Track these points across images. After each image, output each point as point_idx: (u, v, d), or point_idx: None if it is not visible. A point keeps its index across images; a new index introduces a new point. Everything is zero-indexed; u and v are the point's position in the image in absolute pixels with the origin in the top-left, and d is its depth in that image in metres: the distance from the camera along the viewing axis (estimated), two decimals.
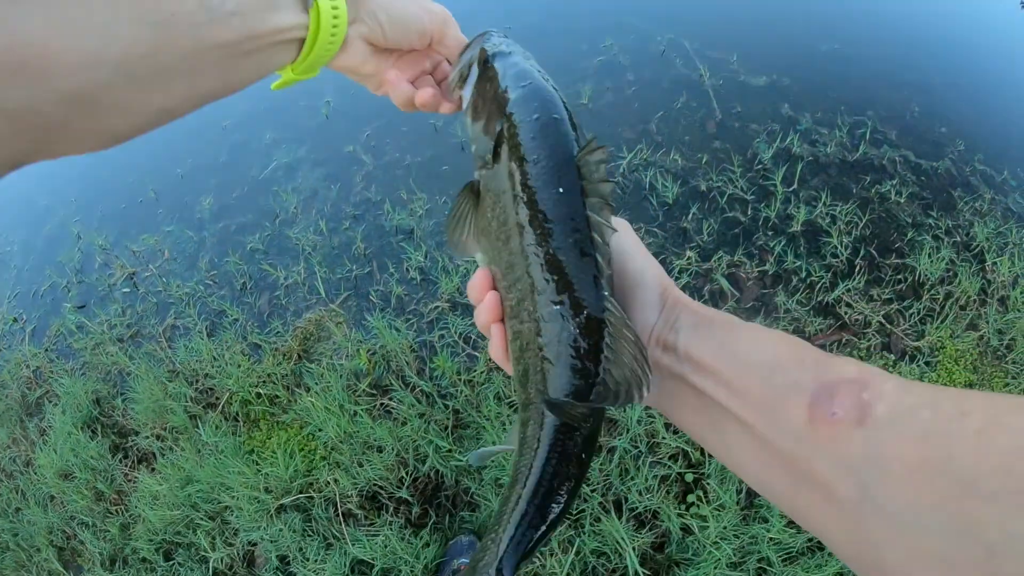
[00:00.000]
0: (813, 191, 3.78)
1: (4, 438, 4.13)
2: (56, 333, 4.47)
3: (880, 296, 3.36)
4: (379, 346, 3.52)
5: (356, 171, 4.54)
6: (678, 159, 4.03)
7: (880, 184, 3.80)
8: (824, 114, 4.21)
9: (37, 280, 4.96)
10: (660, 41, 4.93)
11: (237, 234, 4.45)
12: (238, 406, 3.53)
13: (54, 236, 5.25)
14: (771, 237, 3.62)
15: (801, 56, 4.71)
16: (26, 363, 4.40)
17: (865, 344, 3.20)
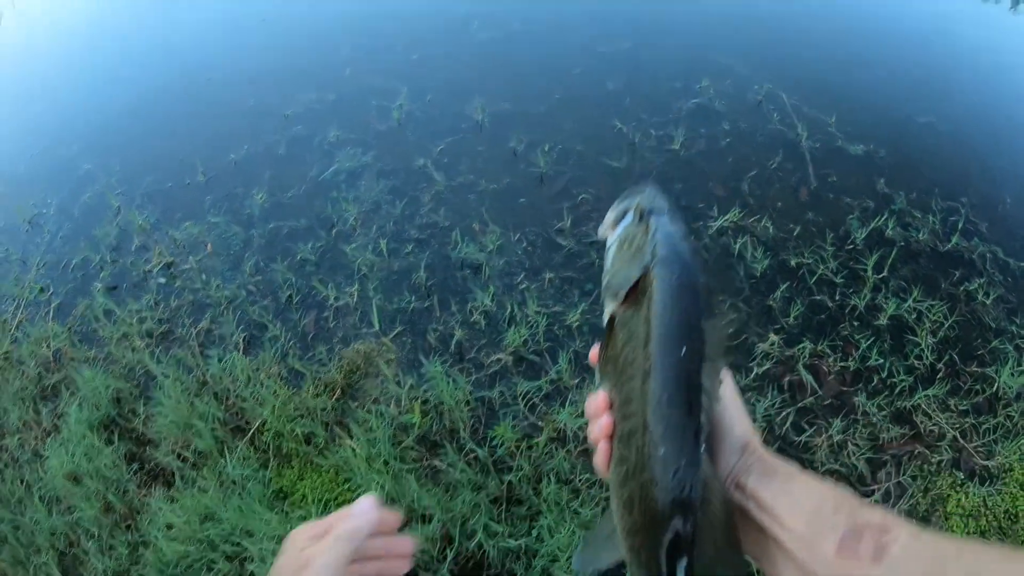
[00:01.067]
0: (903, 281, 3.53)
1: (15, 420, 3.85)
2: (82, 314, 4.20)
3: (957, 407, 3.09)
4: (432, 395, 3.19)
5: (425, 189, 4.24)
6: (769, 227, 3.77)
7: (969, 281, 3.54)
8: (919, 195, 3.95)
9: (69, 251, 4.69)
10: (758, 90, 4.67)
11: (288, 239, 4.16)
12: (270, 437, 3.22)
13: (92, 206, 4.98)
14: (857, 328, 3.36)
15: (898, 126, 4.47)
16: (47, 341, 4.11)
17: (936, 458, 2.95)
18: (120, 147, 5.46)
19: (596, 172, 4.21)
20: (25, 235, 4.98)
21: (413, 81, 5.20)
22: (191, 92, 5.91)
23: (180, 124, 5.53)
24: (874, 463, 2.94)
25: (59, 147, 5.75)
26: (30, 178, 5.53)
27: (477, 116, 4.73)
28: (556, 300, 3.55)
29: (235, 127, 5.17)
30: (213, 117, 5.48)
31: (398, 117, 4.80)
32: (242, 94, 5.57)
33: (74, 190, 5.19)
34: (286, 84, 5.54)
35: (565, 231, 3.85)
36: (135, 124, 5.72)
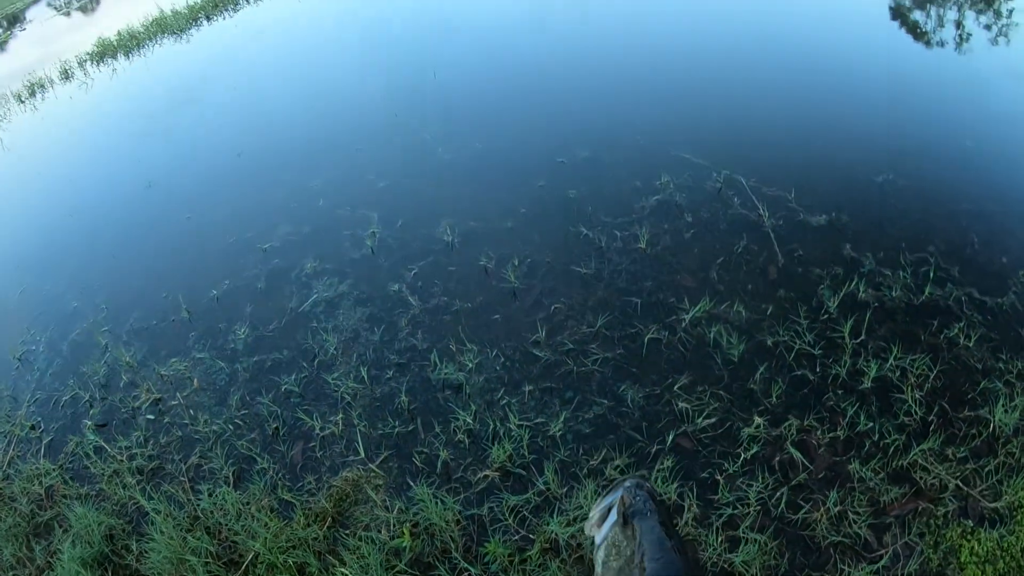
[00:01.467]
0: (882, 341, 3.62)
1: (8, 557, 3.89)
2: (73, 451, 4.29)
3: (955, 455, 3.13)
4: (422, 518, 3.33)
5: (401, 314, 4.43)
6: (742, 311, 3.91)
7: (948, 328, 3.63)
8: (886, 253, 4.08)
9: (59, 388, 4.81)
10: (716, 178, 4.89)
11: (272, 372, 4.31)
12: (264, 570, 3.32)
13: (81, 343, 5.12)
14: (842, 397, 3.43)
15: (857, 189, 4.62)
16: (39, 479, 4.19)
17: (942, 511, 2.96)
18: (106, 284, 5.62)
19: (566, 281, 4.40)
20: (15, 372, 5.09)
21: (383, 208, 5.42)
22: (173, 227, 6.12)
23: (163, 261, 5.72)
24: (878, 528, 2.94)
25: (46, 283, 5.92)
26: (19, 314, 5.66)
27: (447, 237, 4.95)
28: (537, 412, 3.68)
29: (215, 263, 5.37)
30: (194, 253, 5.66)
31: (371, 245, 5.01)
32: (221, 229, 5.78)
33: (62, 327, 5.33)
34: (263, 218, 5.76)
35: (541, 342, 4.02)
36: (120, 261, 5.90)
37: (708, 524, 3.03)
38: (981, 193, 4.50)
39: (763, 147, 5.25)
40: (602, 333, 4.00)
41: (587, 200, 5.05)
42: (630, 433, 3.49)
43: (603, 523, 1.06)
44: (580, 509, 3.16)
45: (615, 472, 3.31)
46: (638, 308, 4.10)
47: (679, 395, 3.58)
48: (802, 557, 2.87)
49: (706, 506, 3.09)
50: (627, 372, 3.77)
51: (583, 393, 3.72)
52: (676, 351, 3.81)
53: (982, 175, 4.73)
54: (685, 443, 3.38)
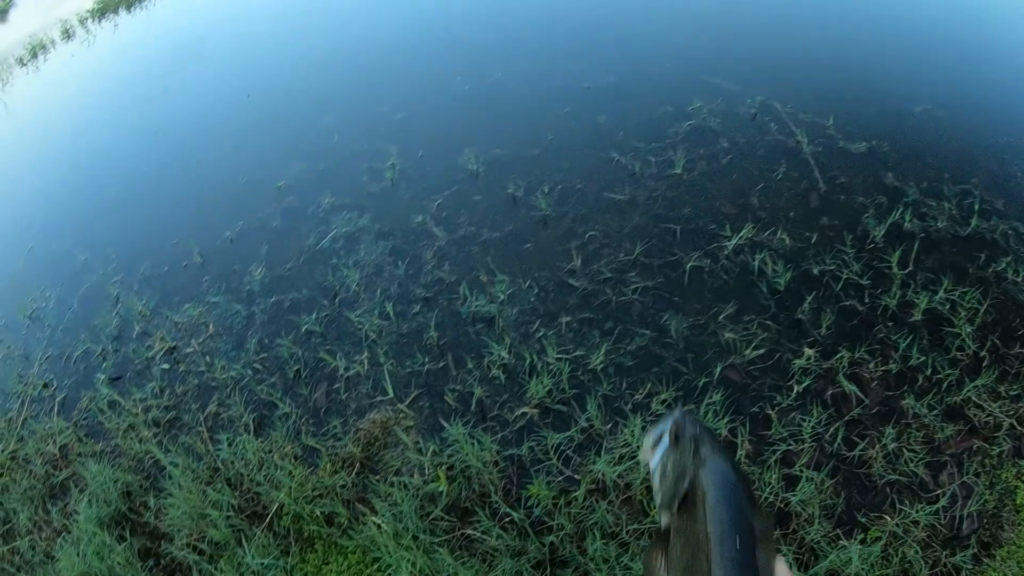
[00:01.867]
0: (930, 273, 3.38)
1: (25, 521, 3.71)
2: (87, 407, 4.08)
3: (1008, 393, 2.92)
4: (457, 460, 3.04)
5: (426, 246, 4.13)
6: (786, 239, 3.63)
7: (996, 262, 3.39)
8: (929, 184, 3.82)
9: (71, 343, 4.59)
10: (750, 104, 4.58)
11: (290, 312, 4.04)
12: (289, 521, 3.06)
13: (91, 296, 4.90)
14: (892, 329, 3.19)
15: (896, 119, 4.34)
16: (53, 438, 4.00)
17: (996, 450, 2.78)
18: (114, 235, 5.40)
19: (600, 208, 4.10)
20: (26, 330, 4.91)
21: (402, 140, 5.12)
22: (182, 173, 5.87)
23: (173, 207, 5.48)
24: (934, 466, 2.77)
25: (54, 240, 5.72)
26: (28, 273, 5.49)
27: (471, 166, 4.64)
28: (576, 344, 3.41)
29: (228, 205, 5.11)
30: (205, 197, 5.43)
31: (391, 177, 4.71)
32: (233, 172, 5.52)
33: (72, 281, 5.13)
34: (275, 158, 5.48)
35: (576, 271, 3.73)
36: (128, 210, 5.68)
37: (762, 462, 2.83)
38: (1022, 127, 4.22)
39: (797, 73, 4.95)
40: (640, 261, 3.72)
41: (617, 126, 4.73)
42: (675, 365, 3.24)
43: (656, 448, 1.07)
44: (627, 447, 2.92)
45: (661, 407, 3.07)
46: (677, 235, 3.81)
47: (725, 325, 3.33)
48: (859, 496, 2.71)
49: (759, 442, 2.89)
50: (669, 301, 3.50)
51: (623, 324, 3.45)
52: (719, 279, 3.55)
53: (1022, 109, 4.44)
54: (733, 375, 3.15)
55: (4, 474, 4.00)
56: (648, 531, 2.73)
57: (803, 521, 2.67)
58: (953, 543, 2.58)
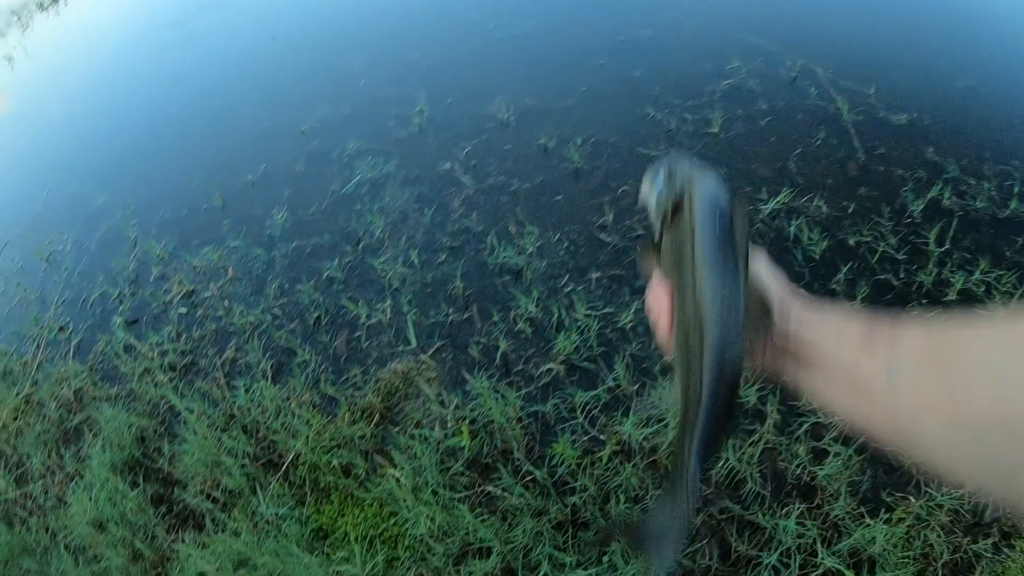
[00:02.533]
0: (967, 253, 3.23)
1: (38, 465, 3.64)
2: (102, 351, 3.98)
3: None
4: (480, 414, 2.91)
5: (454, 194, 3.98)
6: (822, 207, 3.47)
7: None
8: (970, 162, 3.65)
9: (88, 287, 4.50)
10: (790, 67, 4.39)
11: (312, 257, 3.91)
12: (305, 471, 2.95)
13: (109, 239, 4.80)
14: (926, 307, 3.06)
15: (939, 93, 4.17)
16: (68, 382, 3.91)
17: None
18: (133, 178, 5.32)
19: (634, 163, 3.94)
20: (43, 273, 4.83)
21: (431, 86, 4.97)
22: (203, 117, 5.77)
23: (193, 150, 5.38)
24: None
25: (72, 182, 5.63)
26: (46, 216, 5.41)
27: (501, 115, 4.48)
28: (606, 301, 3.26)
29: (250, 148, 4.99)
30: (227, 140, 5.31)
31: (419, 123, 4.56)
32: (255, 115, 5.39)
33: (89, 224, 5.04)
34: (300, 101, 5.35)
35: (608, 227, 3.57)
36: (147, 154, 5.58)
37: (791, 433, 2.71)
38: None
39: (840, 38, 4.77)
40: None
41: (653, 81, 4.56)
42: None
43: (653, 187, 1.11)
44: (654, 409, 2.81)
45: None
46: None
47: None
48: (884, 475, 2.60)
49: (788, 413, 2.76)
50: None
51: None
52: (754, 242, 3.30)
53: None
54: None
55: (18, 418, 3.93)
56: None
57: (828, 496, 2.56)
58: (975, 530, 2.47)
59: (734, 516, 2.59)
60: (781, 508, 2.55)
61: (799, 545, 2.45)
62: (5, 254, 5.29)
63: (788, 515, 2.49)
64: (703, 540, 2.55)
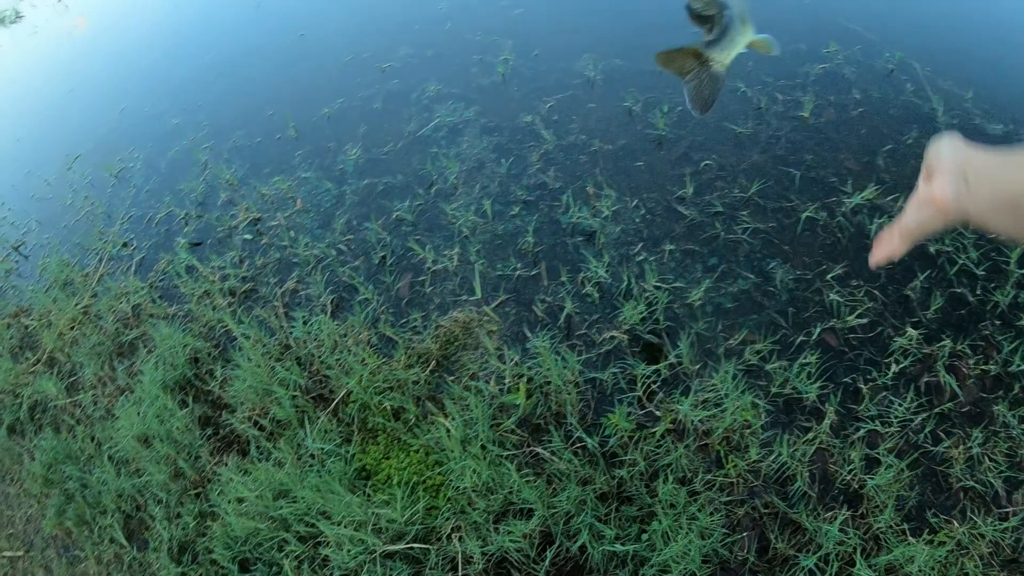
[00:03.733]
0: None
1: (90, 376, 3.68)
2: (164, 270, 4.00)
3: None
4: (537, 374, 2.82)
5: (533, 148, 3.86)
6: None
7: None
8: None
9: (154, 206, 4.52)
10: (888, 58, 4.17)
11: (383, 197, 3.84)
12: (355, 410, 2.89)
13: (179, 160, 4.80)
14: (999, 328, 2.88)
15: None
16: (127, 297, 3.93)
17: None
18: (209, 103, 5.30)
19: (719, 137, 3.78)
20: (111, 189, 4.87)
21: (518, 36, 4.84)
22: (283, 47, 5.70)
23: (271, 80, 5.32)
24: (1011, 482, 2.51)
25: (147, 103, 5.65)
26: (118, 134, 5.45)
27: (588, 72, 4.34)
28: (677, 275, 3.14)
29: (328, 82, 4.93)
30: (306, 72, 5.24)
31: (503, 72, 4.44)
32: (336, 49, 5.31)
33: (161, 145, 5.05)
34: (383, 39, 5.26)
35: (687, 199, 3.44)
36: (225, 80, 5.56)
37: (846, 436, 2.60)
38: None
39: (943, 35, 4.53)
40: (754, 200, 3.42)
41: (747, 55, 4.29)
42: (774, 316, 2.98)
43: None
44: (714, 392, 2.71)
45: (754, 356, 2.83)
46: (796, 181, 3.49)
47: (831, 285, 3.05)
48: (932, 495, 2.48)
49: (847, 415, 2.66)
50: (778, 248, 3.21)
51: (728, 263, 3.18)
52: (833, 236, 3.24)
53: None
54: (831, 340, 2.89)
55: (75, 328, 3.95)
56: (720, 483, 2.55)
57: (875, 507, 2.44)
58: (1012, 566, 2.34)
59: (778, 513, 2.49)
60: (826, 511, 2.46)
61: (838, 553, 2.35)
62: (75, 168, 5.32)
63: (832, 520, 2.40)
64: (743, 531, 2.45)
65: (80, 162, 5.36)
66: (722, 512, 2.48)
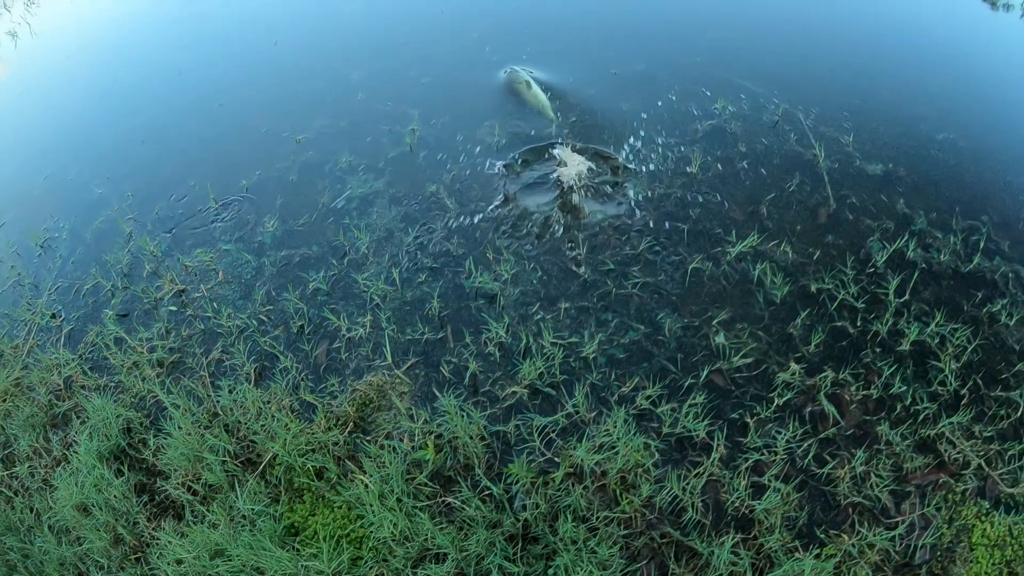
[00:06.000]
0: (925, 305, 3.47)
1: (25, 447, 3.81)
2: (93, 342, 4.15)
3: (982, 433, 3.04)
4: (446, 430, 3.16)
5: (437, 216, 4.21)
6: (788, 252, 3.71)
7: (991, 303, 3.49)
8: (939, 215, 3.89)
9: (81, 277, 4.65)
10: (774, 110, 4.63)
11: (300, 268, 4.12)
12: (281, 471, 3.18)
13: (105, 230, 4.94)
14: (879, 356, 3.30)
15: (917, 144, 4.40)
16: (58, 369, 4.07)
17: (961, 487, 2.90)
18: (132, 171, 5.43)
19: (612, 198, 4.18)
20: (37, 259, 4.94)
21: (425, 105, 5.14)
22: (203, 117, 5.87)
23: (191, 149, 5.49)
24: (898, 495, 2.89)
25: (71, 169, 5.71)
26: (43, 201, 5.50)
27: (490, 139, 4.68)
28: (572, 331, 3.50)
29: (247, 153, 5.15)
30: (225, 142, 5.44)
31: (410, 142, 4.76)
32: (254, 118, 5.53)
33: (86, 214, 5.15)
34: (298, 110, 5.49)
35: (581, 260, 3.80)
36: (147, 148, 5.68)
37: (734, 467, 2.96)
38: None
39: (825, 84, 5.00)
40: (645, 256, 3.80)
41: (639, 116, 4.77)
42: (664, 363, 3.35)
43: None
44: (608, 436, 3.03)
45: (646, 401, 3.18)
46: (684, 235, 3.89)
47: (717, 330, 3.44)
48: (821, 512, 2.84)
49: (734, 448, 3.03)
50: (667, 299, 3.60)
51: (620, 316, 3.55)
52: (719, 284, 3.64)
53: None
54: (719, 380, 3.26)
55: (7, 400, 4.07)
56: (618, 519, 2.86)
57: (764, 529, 2.80)
58: (904, 570, 2.70)
59: (673, 541, 2.82)
60: (719, 536, 2.79)
61: (731, 572, 2.69)
62: (1, 234, 5.41)
63: (723, 544, 2.72)
64: (642, 561, 2.78)
65: (5, 230, 5.43)
66: (621, 544, 2.81)
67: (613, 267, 3.75)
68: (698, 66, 5.27)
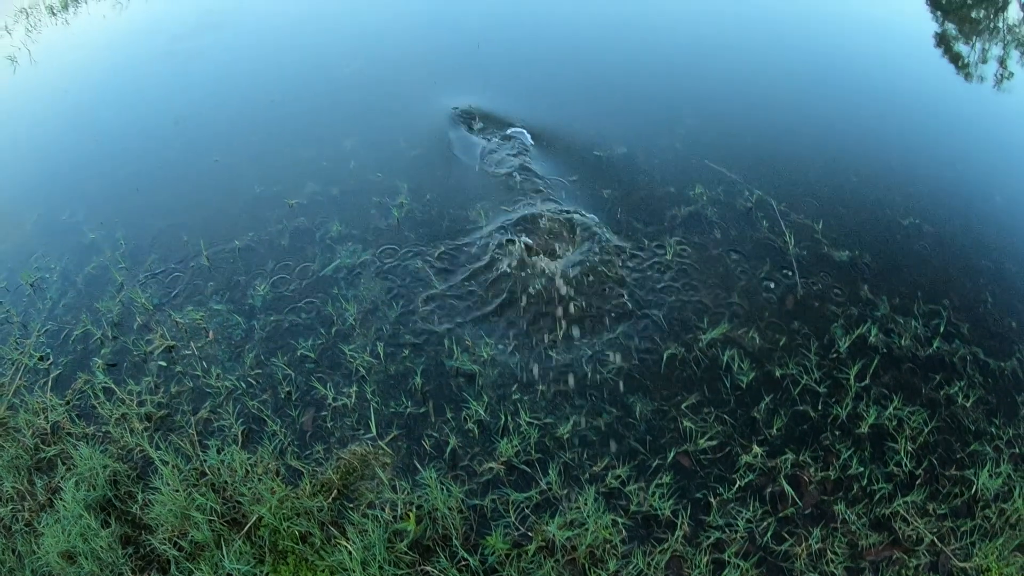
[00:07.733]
0: (884, 389, 3.75)
1: (8, 489, 3.88)
2: (81, 389, 4.27)
3: (935, 511, 3.31)
4: (426, 502, 3.38)
5: (422, 292, 4.44)
6: (756, 338, 4.00)
7: (949, 385, 3.78)
8: (901, 300, 4.19)
9: (71, 322, 4.74)
10: (748, 197, 4.91)
11: (289, 334, 4.31)
12: (267, 533, 3.37)
13: (96, 277, 5.05)
14: (838, 438, 3.57)
15: (884, 229, 4.71)
16: (45, 413, 4.17)
17: (914, 563, 3.14)
18: (125, 220, 5.52)
19: (592, 286, 4.43)
20: (27, 299, 4.99)
21: (414, 179, 5.36)
22: (199, 169, 6.00)
23: (185, 203, 5.61)
24: (852, 571, 3.12)
25: (64, 210, 5.77)
26: (34, 240, 5.56)
27: (476, 219, 4.93)
28: (548, 412, 3.73)
29: (240, 213, 5.31)
30: (219, 200, 5.58)
31: (398, 216, 4.98)
32: (248, 179, 5.67)
33: (78, 259, 5.23)
34: (291, 173, 5.66)
35: (558, 344, 4.05)
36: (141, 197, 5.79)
37: (697, 544, 3.19)
38: (1003, 251, 4.60)
39: (798, 172, 5.27)
40: (620, 342, 4.05)
41: (620, 202, 5.07)
42: (634, 444, 3.59)
43: None
44: (579, 513, 3.27)
45: (615, 480, 3.42)
46: (660, 321, 4.15)
47: (685, 414, 3.68)
48: None
49: (697, 526, 3.25)
50: (640, 384, 3.84)
51: (594, 400, 3.79)
52: (689, 369, 3.89)
53: (1006, 233, 4.80)
54: (685, 461, 3.50)
55: None
56: None
57: None
58: None
59: None
60: None
61: None
62: None
63: None
64: None
65: None
66: None
67: (591, 353, 4.01)
68: (677, 151, 5.55)
